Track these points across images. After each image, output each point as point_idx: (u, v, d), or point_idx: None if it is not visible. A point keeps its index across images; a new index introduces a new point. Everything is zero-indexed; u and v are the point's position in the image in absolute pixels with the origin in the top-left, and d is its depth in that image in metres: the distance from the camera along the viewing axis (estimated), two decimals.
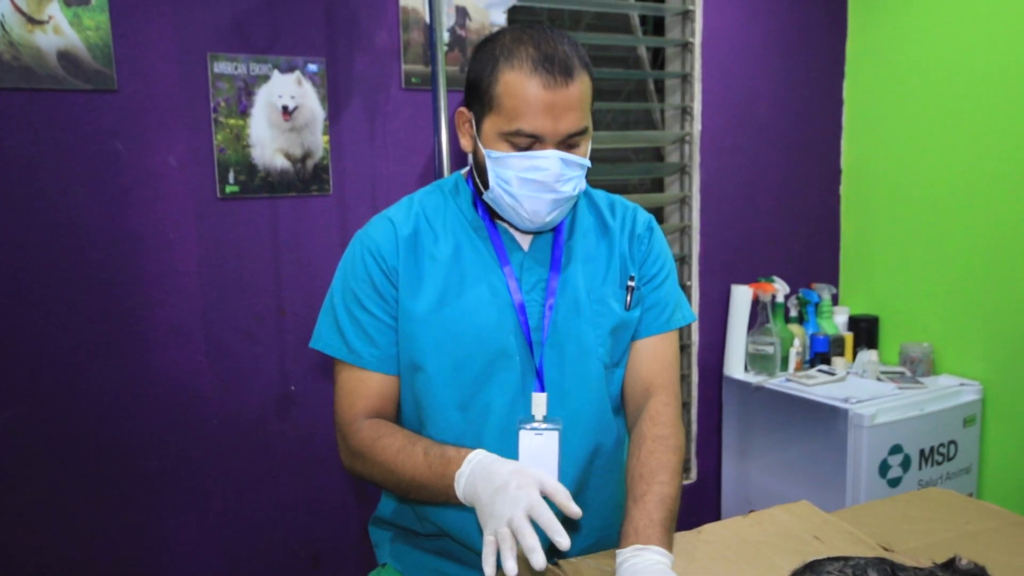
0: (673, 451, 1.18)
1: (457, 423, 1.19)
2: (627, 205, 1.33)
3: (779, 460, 2.48)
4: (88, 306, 1.82)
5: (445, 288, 1.19)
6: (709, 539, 1.30)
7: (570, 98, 1.10)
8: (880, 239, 2.77)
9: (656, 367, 1.27)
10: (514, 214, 1.17)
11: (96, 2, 1.76)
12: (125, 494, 1.88)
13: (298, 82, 1.97)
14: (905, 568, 0.99)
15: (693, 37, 2.51)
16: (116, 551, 1.88)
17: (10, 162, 1.73)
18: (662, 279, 1.30)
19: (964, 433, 2.46)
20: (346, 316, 1.21)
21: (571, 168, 1.14)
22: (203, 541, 1.97)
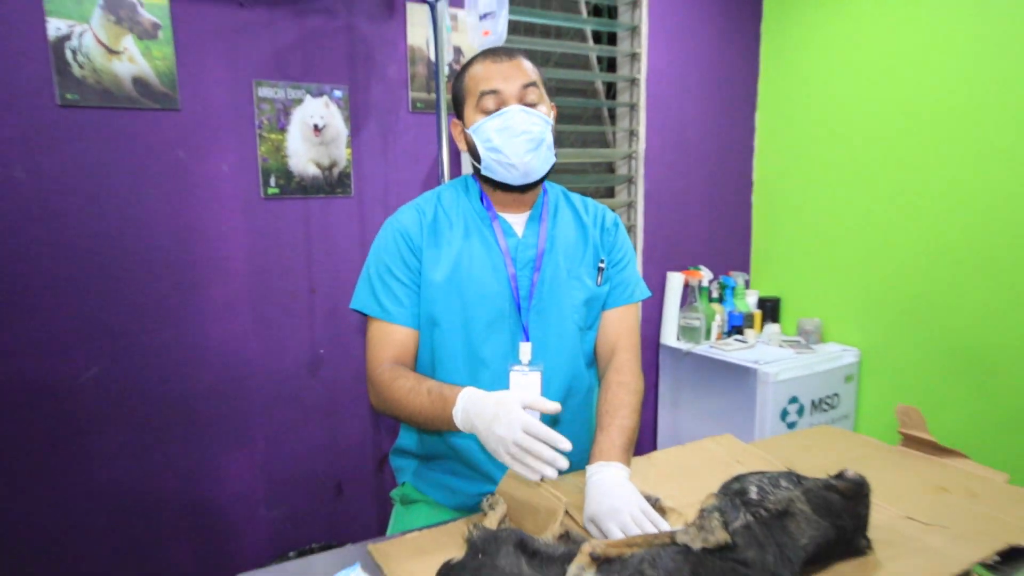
0: (633, 393, 1.24)
1: (461, 368, 1.23)
2: (597, 205, 1.38)
3: (703, 409, 2.55)
4: (155, 285, 1.81)
5: (457, 263, 1.23)
6: (656, 463, 1.35)
7: (515, 65, 1.20)
8: (782, 237, 2.84)
9: (621, 331, 1.31)
10: (504, 167, 1.20)
11: (163, 36, 1.75)
12: (186, 435, 1.89)
13: (326, 105, 1.98)
14: (807, 478, 1.04)
15: (639, 74, 2.54)
16: (180, 479, 1.89)
17: (92, 167, 1.72)
18: (625, 263, 1.34)
19: (845, 387, 2.54)
20: (379, 282, 1.23)
21: (532, 116, 1.19)
22: (249, 473, 1.99)
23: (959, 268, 2.26)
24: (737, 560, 0.86)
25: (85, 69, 1.68)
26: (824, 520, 0.98)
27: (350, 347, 2.09)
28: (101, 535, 1.81)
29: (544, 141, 1.21)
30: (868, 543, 1.03)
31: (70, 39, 1.66)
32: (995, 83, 2.13)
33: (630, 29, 2.54)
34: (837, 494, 1.01)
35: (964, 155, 2.22)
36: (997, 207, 2.16)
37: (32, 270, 1.68)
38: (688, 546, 0.86)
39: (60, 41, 1.65)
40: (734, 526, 0.91)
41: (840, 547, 1.00)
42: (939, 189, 2.30)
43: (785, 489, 1.00)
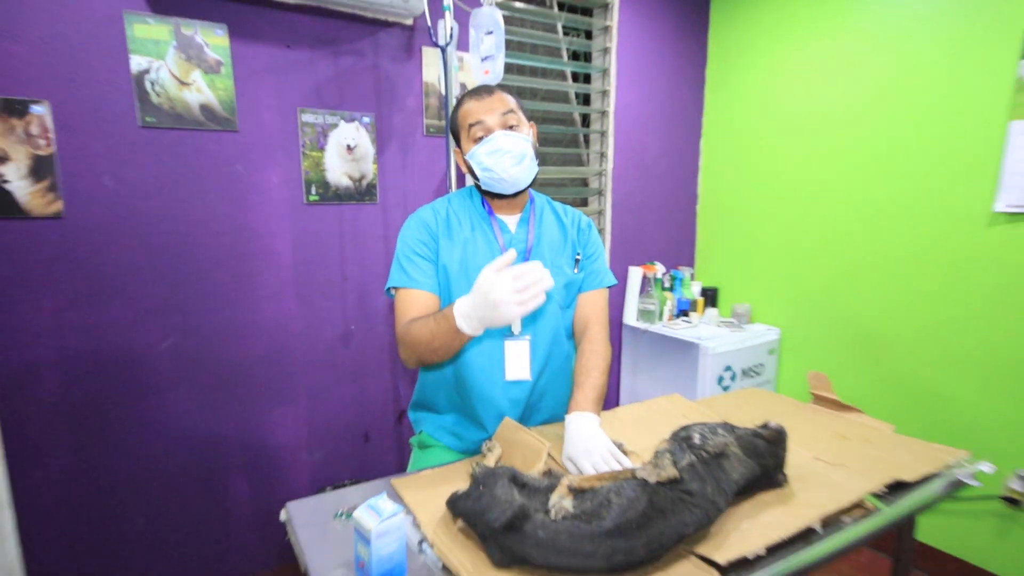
0: (602, 359, 1.26)
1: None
2: (575, 211, 1.39)
3: (657, 375, 2.57)
4: (218, 274, 1.81)
5: (464, 252, 1.25)
6: (620, 416, 1.38)
7: (494, 99, 1.22)
8: (720, 239, 2.86)
9: (592, 310, 1.33)
10: (496, 180, 1.22)
11: (224, 71, 1.74)
12: (244, 394, 1.89)
13: (357, 129, 1.97)
14: (738, 428, 1.06)
15: (608, 108, 2.55)
16: (239, 428, 1.90)
17: (167, 177, 1.71)
18: (596, 256, 1.36)
19: (768, 359, 2.57)
20: (407, 260, 1.24)
21: (513, 138, 1.20)
22: (294, 424, 1.99)
23: (858, 266, 2.30)
24: (683, 491, 0.88)
25: (161, 97, 1.67)
26: (751, 460, 1.00)
27: (375, 324, 2.10)
28: (176, 472, 1.81)
29: (526, 155, 1.22)
30: (785, 478, 1.06)
31: (149, 72, 1.65)
32: (884, 121, 2.16)
33: (602, 71, 2.55)
34: (762, 440, 1.03)
35: (862, 178, 2.26)
36: (888, 219, 2.19)
37: (119, 261, 1.67)
38: (645, 480, 0.88)
39: (141, 74, 1.64)
40: (681, 464, 0.93)
41: (763, 481, 1.03)
42: (843, 204, 2.33)
43: (721, 436, 1.02)
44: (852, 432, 1.32)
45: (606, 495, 0.86)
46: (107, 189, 1.64)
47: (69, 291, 1.62)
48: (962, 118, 1.99)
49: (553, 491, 0.91)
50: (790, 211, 2.52)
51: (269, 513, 1.96)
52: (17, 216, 1.55)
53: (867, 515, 1.00)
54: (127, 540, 1.76)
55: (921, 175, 2.10)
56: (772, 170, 2.58)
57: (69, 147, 1.58)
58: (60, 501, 1.66)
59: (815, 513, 0.95)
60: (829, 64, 2.34)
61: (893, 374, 2.21)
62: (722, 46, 2.75)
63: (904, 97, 2.12)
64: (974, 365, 2.00)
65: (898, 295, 2.18)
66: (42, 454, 1.63)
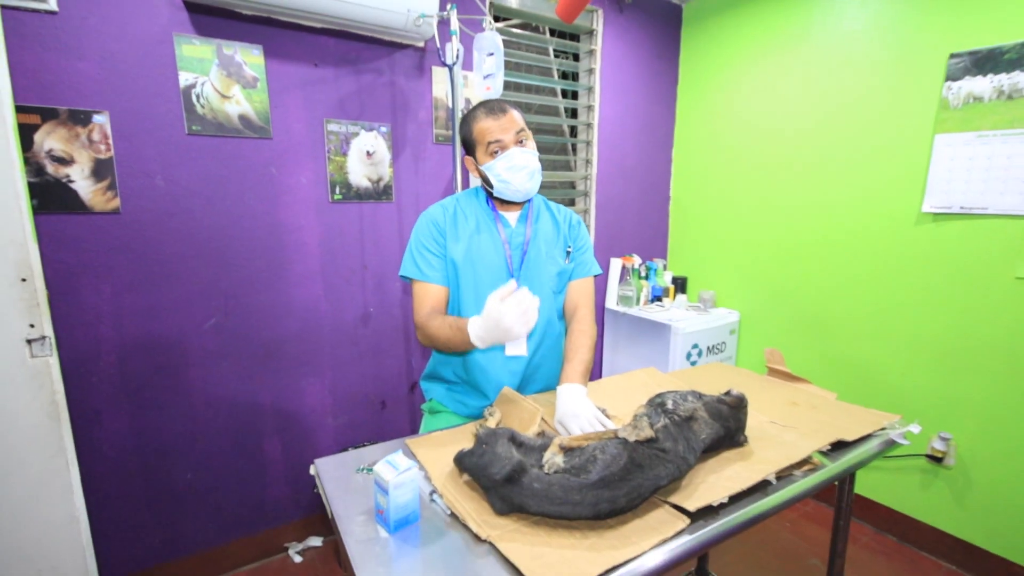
0: (589, 337, 1.24)
1: (475, 315, 1.24)
2: (567, 209, 1.38)
3: (634, 353, 2.57)
4: (255, 263, 1.79)
5: (470, 245, 1.23)
6: (603, 385, 1.37)
7: (508, 119, 1.20)
8: (689, 234, 2.85)
9: (581, 295, 1.32)
10: (511, 191, 1.21)
11: (260, 86, 1.71)
12: (277, 367, 1.88)
13: (375, 137, 1.95)
14: (706, 395, 1.05)
15: (593, 120, 2.53)
16: (273, 396, 1.89)
17: (211, 178, 1.68)
18: (584, 249, 1.34)
19: (730, 338, 2.58)
20: (419, 255, 1.23)
21: (527, 156, 1.19)
22: (320, 393, 1.98)
23: (806, 258, 2.30)
24: (658, 448, 0.88)
25: (205, 109, 1.64)
26: (717, 423, 1.00)
27: (391, 307, 2.09)
28: (219, 433, 1.80)
29: (537, 170, 1.22)
30: (745, 439, 1.06)
31: (195, 87, 1.62)
32: (830, 133, 2.15)
33: (587, 88, 2.52)
34: (726, 405, 1.03)
35: (810, 182, 2.25)
36: (833, 217, 2.19)
37: (169, 251, 1.65)
38: (626, 439, 0.88)
39: (188, 88, 1.61)
40: (656, 426, 0.93)
41: (727, 441, 1.03)
42: (794, 204, 2.32)
43: (691, 402, 1.02)
44: (801, 399, 1.32)
45: (592, 452, 0.85)
46: (159, 188, 1.61)
47: (126, 278, 1.60)
48: (896, 130, 1.98)
49: (546, 449, 0.90)
50: (749, 210, 2.51)
51: (300, 468, 1.96)
52: (81, 211, 1.52)
53: (814, 470, 1.00)
54: (177, 492, 1.76)
55: (861, 179, 2.09)
56: (734, 175, 2.56)
57: (125, 152, 1.56)
58: (119, 459, 1.66)
59: (770, 468, 0.95)
60: (782, 86, 2.32)
61: (836, 350, 2.22)
62: (691, 69, 2.73)
63: (847, 112, 2.11)
64: (904, 342, 2.01)
65: (841, 283, 2.19)
66: (103, 418, 1.62)
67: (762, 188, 2.44)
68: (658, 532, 0.79)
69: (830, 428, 1.14)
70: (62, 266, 1.52)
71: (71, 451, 1.42)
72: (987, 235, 1.78)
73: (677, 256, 2.92)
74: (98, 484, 1.62)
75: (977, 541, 1.87)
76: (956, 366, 1.88)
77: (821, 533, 2.11)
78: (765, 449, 1.03)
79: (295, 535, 1.99)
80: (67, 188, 1.50)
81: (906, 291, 1.99)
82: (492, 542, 0.77)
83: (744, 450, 1.03)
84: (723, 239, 2.65)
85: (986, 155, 1.76)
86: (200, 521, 1.81)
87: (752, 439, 1.07)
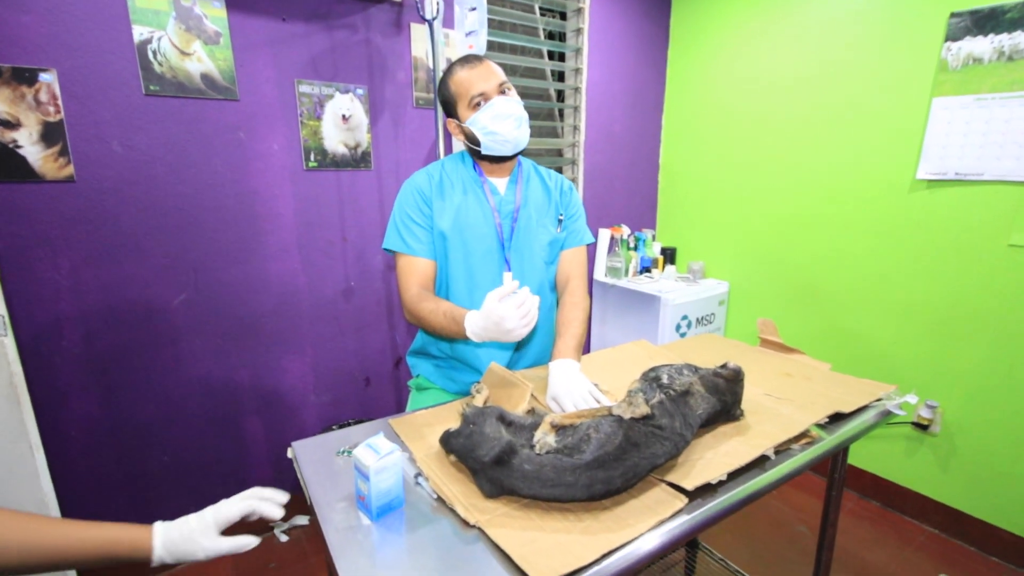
0: (582, 310, 1.19)
1: (463, 291, 1.18)
2: (558, 175, 1.31)
3: (623, 324, 2.54)
4: (225, 233, 1.70)
5: (458, 211, 1.16)
6: (595, 359, 1.33)
7: (487, 69, 1.12)
8: (679, 204, 2.80)
9: (572, 265, 1.26)
10: (500, 143, 1.13)
11: (223, 42, 1.59)
12: (254, 344, 1.81)
13: (352, 100, 1.84)
14: (701, 368, 1.02)
15: (581, 84, 2.43)
16: (251, 375, 1.82)
17: (173, 143, 1.57)
18: (577, 217, 1.28)
19: (719, 309, 2.56)
20: (403, 226, 1.16)
21: (512, 103, 1.12)
22: (301, 370, 1.92)
23: (798, 226, 2.26)
24: (654, 425, 0.84)
25: (163, 66, 1.52)
26: (713, 397, 0.97)
27: (373, 280, 2.02)
28: (196, 415, 1.74)
29: (524, 118, 1.14)
30: (742, 412, 1.03)
31: (151, 42, 1.49)
32: (823, 95, 2.09)
33: (575, 50, 2.41)
34: (722, 379, 0.99)
35: (803, 147, 2.20)
36: (826, 184, 2.15)
37: (132, 222, 1.55)
38: (621, 416, 0.83)
39: (143, 44, 1.49)
40: (652, 402, 0.89)
41: (723, 415, 0.99)
42: (786, 171, 2.27)
43: (687, 376, 0.98)
44: (795, 370, 1.30)
45: (586, 431, 0.81)
46: (116, 154, 1.50)
47: (85, 251, 1.50)
48: (894, 93, 1.92)
49: (537, 428, 0.86)
50: (739, 178, 2.46)
51: (282, 448, 1.91)
52: (31, 179, 1.41)
53: (812, 443, 0.97)
54: (152, 476, 1.70)
55: (856, 144, 2.04)
56: (724, 142, 2.50)
57: (77, 114, 1.44)
58: (89, 442, 1.59)
59: (768, 443, 0.92)
60: (776, 45, 2.24)
61: (827, 320, 2.21)
62: (682, 29, 2.63)
63: (842, 74, 2.05)
64: (896, 311, 2.00)
65: (833, 251, 2.16)
66: (70, 400, 1.54)
67: (753, 155, 2.39)
68: (655, 513, 0.76)
69: (826, 400, 1.12)
70: (14, 239, 1.41)
71: (35, 435, 1.34)
72: (981, 202, 1.76)
73: (666, 226, 2.87)
74: (68, 469, 1.56)
75: (960, 506, 1.91)
76: (947, 334, 1.88)
77: (808, 500, 2.13)
78: (762, 423, 1.01)
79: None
80: (14, 154, 1.38)
81: (899, 259, 1.97)
82: (481, 527, 0.73)
83: (740, 424, 1.01)
84: (713, 208, 2.60)
85: (984, 119, 1.72)
86: (178, 503, 1.76)
87: (748, 413, 1.04)
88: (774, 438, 0.94)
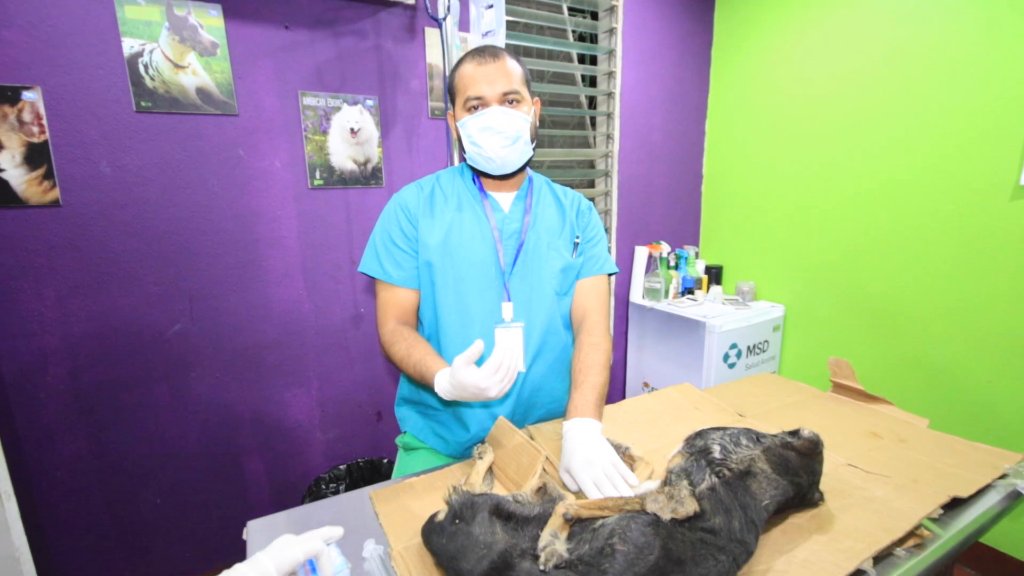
0: (603, 353, 0.98)
1: (456, 322, 0.99)
2: (574, 193, 1.11)
3: (662, 353, 2.30)
4: (223, 258, 1.58)
5: (450, 228, 0.98)
6: (625, 409, 1.11)
7: (498, 69, 0.93)
8: (725, 217, 2.54)
9: (592, 298, 1.05)
10: (484, 160, 0.97)
11: (220, 53, 1.48)
12: (256, 377, 1.67)
13: (360, 112, 1.70)
14: (765, 435, 0.79)
15: (615, 89, 2.23)
16: (252, 410, 1.68)
17: (167, 162, 1.46)
18: (597, 241, 1.08)
19: (773, 335, 2.28)
20: (383, 249, 1.00)
21: (509, 117, 0.93)
22: (306, 404, 1.77)
23: (867, 242, 1.97)
24: (705, 529, 0.61)
25: (156, 81, 1.42)
26: (783, 479, 0.73)
27: None
28: (192, 454, 1.61)
29: (520, 138, 0.95)
30: (821, 495, 0.78)
31: (142, 55, 1.40)
32: (899, 92, 1.81)
33: (608, 52, 2.22)
34: (794, 452, 0.76)
35: (874, 151, 1.91)
36: (902, 193, 1.85)
37: (122, 248, 1.44)
38: (658, 516, 0.62)
39: (134, 57, 1.39)
40: (700, 488, 0.66)
41: (796, 501, 0.76)
42: (852, 178, 1.99)
43: (746, 448, 0.75)
44: (884, 428, 1.04)
45: (608, 538, 0.60)
46: (105, 176, 1.40)
47: (72, 279, 1.40)
48: (986, 85, 1.63)
49: (545, 521, 0.65)
50: (796, 187, 2.19)
51: (286, 491, 1.76)
52: (14, 205, 1.32)
53: (921, 545, 0.72)
54: (145, 523, 1.57)
55: (939, 146, 1.75)
56: (778, 147, 2.23)
57: (63, 133, 1.35)
58: (77, 485, 1.47)
59: (863, 547, 0.68)
60: (841, 35, 1.98)
61: (908, 353, 1.89)
62: (727, 23, 2.39)
63: (923, 66, 1.77)
64: (994, 345, 1.68)
65: (912, 272, 1.86)
66: (56, 441, 1.44)
67: (812, 161, 2.11)
68: None
69: (933, 475, 0.86)
70: None
71: (5, 483, 1.23)
72: None
73: (711, 242, 2.61)
74: (53, 512, 1.45)
75: None
76: None
77: None
78: (850, 512, 0.76)
79: None
80: None
81: (998, 281, 1.66)
82: None
83: (820, 512, 0.77)
84: (765, 221, 2.33)
85: None
86: (173, 551, 1.62)
87: (829, 494, 0.80)
88: (871, 539, 0.70)
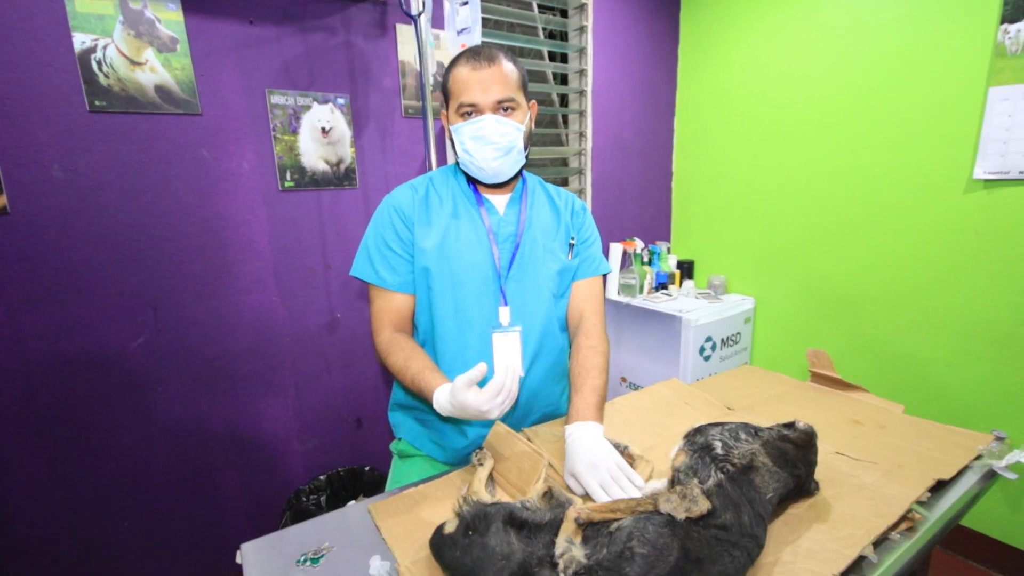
0: (601, 355, 0.98)
1: (452, 328, 0.98)
2: (568, 193, 1.11)
3: (639, 347, 2.33)
4: (189, 266, 1.50)
5: (446, 233, 0.97)
6: (618, 407, 1.12)
7: (494, 75, 0.91)
8: (695, 213, 2.59)
9: (588, 300, 1.05)
10: (475, 168, 0.96)
11: (180, 49, 1.40)
12: (228, 388, 1.60)
13: (332, 111, 1.65)
14: (762, 429, 0.81)
15: (586, 87, 2.24)
16: (224, 423, 1.61)
17: (125, 165, 1.38)
18: (592, 242, 1.08)
19: (744, 327, 2.34)
20: (376, 252, 0.97)
21: (504, 127, 0.92)
22: (283, 414, 1.71)
23: (832, 233, 2.05)
24: (717, 526, 0.62)
25: (111, 79, 1.33)
26: (783, 471, 0.75)
27: (362, 311, 1.81)
28: (163, 472, 1.53)
29: (514, 148, 0.94)
30: (817, 485, 0.81)
31: (95, 51, 1.31)
32: (860, 88, 1.89)
33: (579, 50, 2.23)
34: (791, 444, 0.78)
35: (836, 146, 1.99)
36: (864, 186, 1.94)
37: (77, 257, 1.36)
38: (672, 516, 0.62)
39: (86, 53, 1.30)
40: (707, 485, 0.67)
41: (794, 492, 0.78)
42: (816, 172, 2.07)
43: (745, 442, 0.77)
44: (863, 415, 1.08)
45: (627, 541, 0.60)
46: (57, 180, 1.31)
47: (23, 293, 1.31)
48: (940, 83, 1.72)
49: (558, 527, 0.65)
50: (762, 181, 2.26)
51: (264, 505, 1.70)
52: None
53: (913, 528, 0.76)
54: (113, 547, 1.49)
55: (898, 142, 1.84)
56: (745, 142, 2.30)
57: (9, 136, 1.25)
58: (36, 512, 1.38)
59: (863, 534, 0.71)
60: (803, 33, 2.05)
61: (870, 339, 1.98)
62: (693, 22, 2.44)
63: (881, 63, 1.85)
64: (950, 329, 1.78)
65: (874, 261, 1.94)
66: (12, 466, 1.34)
67: (779, 156, 2.18)
68: None
69: (916, 459, 0.90)
70: None
71: None
72: None
73: (682, 238, 2.66)
74: (13, 544, 1.35)
75: None
76: (1012, 355, 1.66)
77: None
78: (845, 500, 0.79)
79: None
80: None
81: (953, 269, 1.75)
82: None
83: (817, 502, 0.79)
84: (733, 215, 2.40)
85: None
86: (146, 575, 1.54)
87: (823, 482, 0.82)
88: (868, 526, 0.72)
